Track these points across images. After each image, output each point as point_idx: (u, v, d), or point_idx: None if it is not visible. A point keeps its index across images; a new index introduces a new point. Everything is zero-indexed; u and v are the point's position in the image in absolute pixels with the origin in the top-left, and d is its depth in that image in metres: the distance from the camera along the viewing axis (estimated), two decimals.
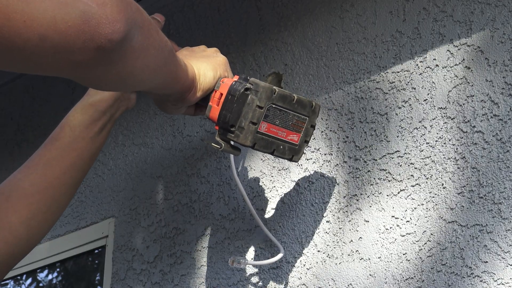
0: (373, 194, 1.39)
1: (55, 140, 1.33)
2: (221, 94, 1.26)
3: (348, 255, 1.40)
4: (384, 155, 1.40)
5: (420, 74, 1.39)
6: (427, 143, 1.35)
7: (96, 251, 1.98)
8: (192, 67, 1.23)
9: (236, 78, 1.29)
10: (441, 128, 1.34)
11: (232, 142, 1.29)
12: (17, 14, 0.81)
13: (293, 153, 1.34)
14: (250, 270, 1.54)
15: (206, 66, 1.26)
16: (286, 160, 1.53)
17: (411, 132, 1.37)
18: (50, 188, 1.27)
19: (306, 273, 1.45)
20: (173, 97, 1.24)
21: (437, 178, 1.32)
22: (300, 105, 1.31)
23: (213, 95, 1.27)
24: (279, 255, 1.45)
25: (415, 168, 1.35)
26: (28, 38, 0.83)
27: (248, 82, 1.25)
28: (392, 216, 1.36)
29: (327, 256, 1.43)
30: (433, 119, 1.35)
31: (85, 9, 0.86)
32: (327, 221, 1.44)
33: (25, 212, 1.24)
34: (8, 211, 1.24)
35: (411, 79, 1.39)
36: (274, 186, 1.54)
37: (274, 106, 1.27)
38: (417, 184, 1.34)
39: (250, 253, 1.55)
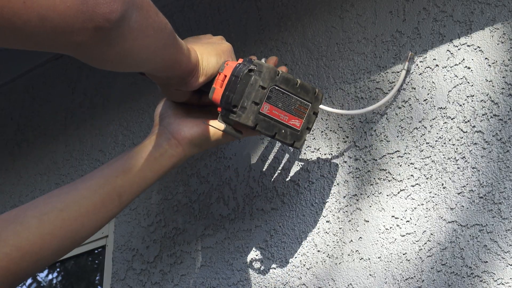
0: (373, 194, 1.39)
1: (110, 164, 1.34)
2: (225, 76, 1.27)
3: (348, 255, 1.40)
4: (384, 155, 1.40)
5: (420, 74, 1.39)
6: (427, 143, 1.35)
7: (96, 251, 1.98)
8: (195, 51, 1.24)
9: (240, 60, 1.29)
10: (441, 128, 1.34)
11: (233, 124, 1.28)
12: None
13: (294, 139, 1.34)
14: (250, 269, 1.54)
15: (210, 52, 1.27)
16: (286, 160, 1.53)
17: (411, 132, 1.37)
18: (90, 190, 1.28)
19: (306, 273, 1.45)
20: (175, 80, 1.25)
21: (437, 178, 1.32)
22: (303, 90, 1.31)
23: (217, 78, 1.27)
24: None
25: (415, 168, 1.35)
26: (28, 18, 0.84)
27: (252, 64, 1.26)
28: (392, 216, 1.36)
29: (327, 256, 1.43)
30: (433, 119, 1.35)
31: None
32: (327, 221, 1.44)
33: (41, 207, 1.24)
34: (28, 208, 1.24)
35: (411, 79, 1.39)
36: (274, 186, 1.54)
37: (277, 88, 1.27)
38: (417, 184, 1.34)
39: (250, 253, 1.55)
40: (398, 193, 1.36)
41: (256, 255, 1.53)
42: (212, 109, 1.34)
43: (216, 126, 1.29)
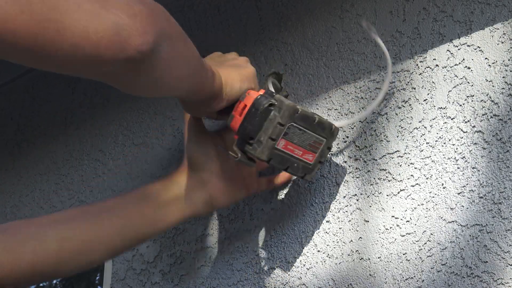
0: (373, 194, 1.39)
1: (126, 194, 1.34)
2: (245, 106, 1.28)
3: (348, 255, 1.40)
4: (384, 155, 1.40)
5: (420, 74, 1.39)
6: (427, 143, 1.35)
7: None
8: (220, 76, 1.25)
9: (262, 92, 1.30)
10: (441, 128, 1.34)
11: (248, 154, 1.30)
12: (51, 23, 0.84)
13: (306, 172, 1.35)
14: (250, 269, 1.54)
15: (234, 77, 1.28)
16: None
17: (411, 132, 1.37)
18: (98, 225, 1.27)
19: (306, 273, 1.45)
20: (199, 104, 1.26)
21: (437, 178, 1.32)
22: (320, 127, 1.32)
23: (237, 105, 1.29)
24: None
25: (415, 168, 1.35)
26: (60, 47, 0.86)
27: (273, 98, 1.27)
28: (392, 216, 1.36)
29: (327, 256, 1.43)
30: (433, 119, 1.35)
31: (116, 21, 0.88)
32: (327, 221, 1.44)
33: (63, 232, 1.24)
34: (49, 227, 1.23)
35: (411, 79, 1.39)
36: (274, 186, 1.54)
37: (294, 125, 1.28)
38: (417, 184, 1.34)
39: (250, 253, 1.55)
40: (398, 193, 1.36)
41: (256, 255, 1.53)
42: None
43: (233, 155, 1.29)
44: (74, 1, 0.86)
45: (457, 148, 1.31)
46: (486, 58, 1.31)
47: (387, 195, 1.37)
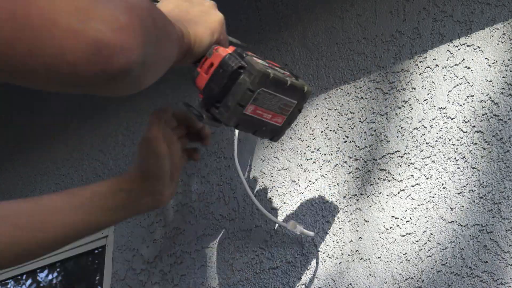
0: (373, 194, 1.39)
1: (72, 194, 1.29)
2: (212, 64, 1.18)
3: (348, 255, 1.40)
4: (384, 155, 1.40)
5: (420, 74, 1.39)
6: (427, 143, 1.35)
7: (96, 251, 1.98)
8: (188, 33, 1.16)
9: (231, 49, 1.21)
10: (441, 128, 1.34)
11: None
12: (22, 42, 0.76)
13: (274, 134, 1.27)
14: (250, 269, 1.54)
15: (203, 31, 1.19)
16: (286, 160, 1.53)
17: (411, 132, 1.37)
18: (42, 232, 1.24)
19: (306, 273, 1.45)
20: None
21: (437, 178, 1.32)
22: (291, 90, 1.24)
23: (203, 61, 1.19)
24: (313, 233, 1.44)
25: (415, 168, 1.35)
26: (33, 68, 0.78)
27: (243, 60, 1.18)
28: (392, 216, 1.36)
29: (327, 256, 1.43)
30: (433, 119, 1.35)
31: (97, 37, 0.79)
32: (327, 221, 1.44)
33: (6, 240, 1.23)
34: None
35: (411, 79, 1.39)
36: (274, 186, 1.54)
37: (265, 90, 1.21)
38: (417, 184, 1.34)
39: (250, 253, 1.55)
40: (398, 193, 1.36)
41: (256, 255, 1.53)
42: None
43: (198, 115, 1.25)
44: (49, 17, 0.77)
45: (457, 148, 1.31)
46: (486, 58, 1.31)
47: (387, 195, 1.37)
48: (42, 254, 1.28)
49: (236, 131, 1.50)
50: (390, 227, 1.35)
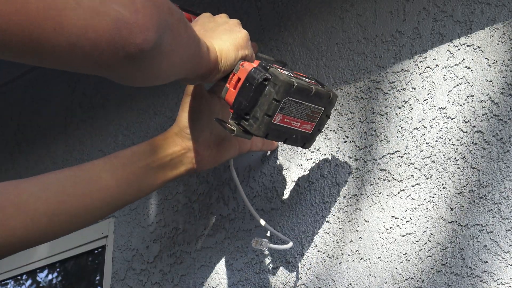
0: (373, 194, 1.39)
1: (114, 157, 1.32)
2: (239, 79, 1.24)
3: (348, 255, 1.40)
4: (384, 155, 1.40)
5: (420, 74, 1.39)
6: (427, 143, 1.35)
7: (96, 251, 1.98)
8: (214, 48, 1.22)
9: (256, 63, 1.27)
10: (441, 128, 1.34)
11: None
12: (48, 21, 0.81)
13: (305, 141, 1.32)
14: (250, 269, 1.54)
15: (229, 47, 1.25)
16: (286, 160, 1.53)
17: (411, 132, 1.37)
18: (87, 197, 1.26)
19: (306, 273, 1.45)
20: (194, 79, 1.24)
21: (437, 178, 1.32)
22: (317, 97, 1.29)
23: (231, 78, 1.25)
24: (290, 243, 1.44)
25: (415, 168, 1.35)
26: (58, 44, 0.83)
27: (268, 72, 1.23)
28: (392, 216, 1.36)
29: (327, 256, 1.43)
30: (433, 119, 1.35)
31: (117, 17, 0.85)
32: (327, 221, 1.44)
33: (54, 207, 1.24)
34: (39, 200, 1.23)
35: (411, 79, 1.39)
36: (274, 186, 1.54)
37: (291, 99, 1.25)
38: (417, 184, 1.34)
39: (250, 253, 1.55)
40: (398, 193, 1.36)
41: (256, 255, 1.53)
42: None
43: (231, 128, 1.28)
44: None
45: (457, 148, 1.31)
46: (486, 58, 1.31)
47: (387, 195, 1.37)
48: (91, 221, 1.29)
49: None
50: (390, 227, 1.35)
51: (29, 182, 1.27)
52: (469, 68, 1.33)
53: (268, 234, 1.52)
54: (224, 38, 1.26)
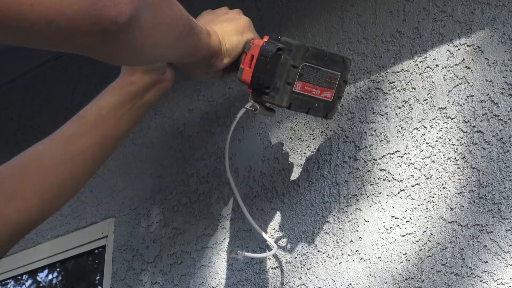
0: (373, 194, 1.39)
1: (81, 117, 1.31)
2: (252, 56, 1.24)
3: (348, 255, 1.40)
4: (384, 155, 1.40)
5: (420, 74, 1.39)
6: (427, 143, 1.35)
7: (96, 251, 1.98)
8: (215, 33, 1.22)
9: (266, 38, 1.26)
10: (441, 128, 1.34)
11: (267, 104, 1.27)
12: None
13: (327, 110, 1.32)
14: (250, 269, 1.54)
15: (231, 31, 1.25)
16: (286, 160, 1.53)
17: (411, 132, 1.37)
18: (69, 163, 1.26)
19: (306, 273, 1.45)
20: (198, 65, 1.24)
21: (437, 178, 1.32)
22: (332, 61, 1.29)
23: (244, 57, 1.25)
24: (274, 250, 1.44)
25: (415, 168, 1.35)
26: (34, 21, 0.84)
27: (280, 42, 1.23)
28: (392, 216, 1.36)
29: (327, 256, 1.43)
30: (433, 119, 1.35)
31: None
32: (327, 221, 1.44)
33: (40, 183, 1.24)
34: (24, 181, 1.23)
35: (411, 79, 1.39)
36: (274, 186, 1.54)
37: (307, 64, 1.25)
38: (417, 184, 1.34)
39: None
40: (398, 193, 1.36)
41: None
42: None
43: (251, 108, 1.28)
44: None
45: (457, 148, 1.31)
46: (486, 58, 1.31)
47: (387, 195, 1.37)
48: (81, 184, 1.29)
49: (228, 137, 1.51)
50: (390, 227, 1.35)
51: (8, 166, 1.27)
52: (469, 68, 1.33)
53: (257, 238, 1.52)
54: (225, 24, 1.26)
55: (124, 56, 1.00)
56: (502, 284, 1.21)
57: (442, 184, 1.31)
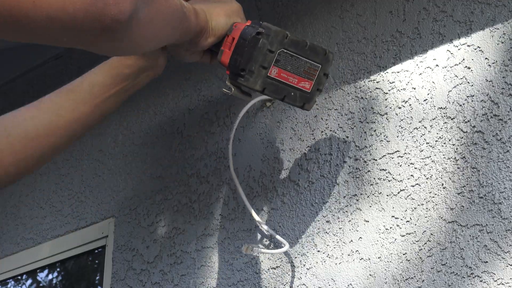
0: (373, 194, 1.39)
1: (71, 91, 1.32)
2: (233, 39, 1.25)
3: (348, 255, 1.40)
4: (384, 155, 1.40)
5: (420, 74, 1.39)
6: (427, 143, 1.35)
7: (96, 251, 1.98)
8: (203, 12, 1.23)
9: (249, 23, 1.27)
10: (441, 128, 1.34)
11: (242, 87, 1.28)
12: None
13: (304, 101, 1.31)
14: (250, 269, 1.54)
15: (219, 12, 1.26)
16: (286, 160, 1.53)
17: (411, 132, 1.37)
18: (51, 136, 1.27)
19: (306, 273, 1.45)
20: (186, 45, 1.24)
21: (437, 178, 1.32)
22: (313, 52, 1.29)
23: (226, 40, 1.26)
24: (286, 246, 1.44)
25: (415, 168, 1.35)
26: (37, 18, 0.86)
27: (260, 26, 1.24)
28: (392, 216, 1.36)
29: (327, 256, 1.43)
30: (433, 119, 1.35)
31: None
32: (327, 221, 1.44)
33: (20, 153, 1.25)
34: (5, 149, 1.24)
35: (411, 79, 1.39)
36: (274, 186, 1.54)
37: (285, 51, 1.25)
38: (417, 184, 1.34)
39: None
40: (398, 193, 1.36)
41: (256, 255, 1.53)
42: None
43: (226, 90, 1.28)
44: None
45: (457, 148, 1.31)
46: (486, 58, 1.31)
47: (387, 195, 1.37)
48: (57, 156, 1.30)
49: (232, 136, 1.51)
50: (390, 227, 1.35)
51: None
52: (469, 68, 1.33)
53: (262, 236, 1.52)
54: (215, 5, 1.28)
55: (124, 49, 1.02)
56: (502, 284, 1.21)
57: (442, 184, 1.31)
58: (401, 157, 1.37)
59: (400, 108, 1.40)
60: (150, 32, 1.01)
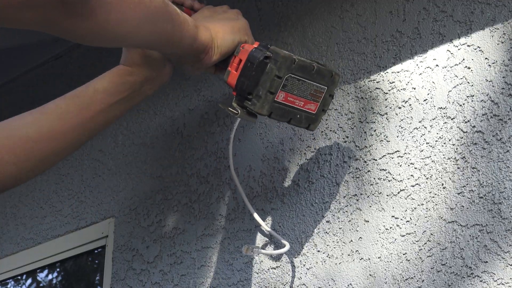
0: (373, 194, 1.39)
1: (76, 96, 1.30)
2: (240, 60, 1.25)
3: (348, 255, 1.40)
4: (384, 155, 1.40)
5: (420, 74, 1.39)
6: (427, 143, 1.35)
7: (96, 251, 1.98)
8: (208, 29, 1.22)
9: (256, 44, 1.27)
10: (441, 128, 1.34)
11: (248, 109, 1.28)
12: None
13: (309, 122, 1.32)
14: (250, 269, 1.54)
15: (225, 30, 1.25)
16: (286, 160, 1.53)
17: (411, 132, 1.37)
18: (54, 140, 1.26)
19: (306, 273, 1.45)
20: (188, 58, 1.23)
21: (437, 178, 1.32)
22: (319, 75, 1.29)
23: (232, 60, 1.26)
24: (287, 247, 1.44)
25: (415, 168, 1.35)
26: None
27: (268, 50, 1.24)
28: (392, 216, 1.36)
29: (327, 256, 1.43)
30: (433, 119, 1.35)
31: None
32: (327, 221, 1.44)
33: (21, 155, 1.23)
34: (4, 149, 1.23)
35: (411, 79, 1.39)
36: (274, 186, 1.54)
37: (293, 76, 1.25)
38: (417, 184, 1.34)
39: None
40: (398, 193, 1.36)
41: (256, 256, 1.53)
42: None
43: (233, 111, 1.28)
44: None
45: (457, 148, 1.31)
46: (486, 58, 1.31)
47: (387, 195, 1.37)
48: (59, 160, 1.29)
49: (232, 136, 1.51)
50: (390, 227, 1.35)
51: None
52: (469, 68, 1.33)
53: (262, 236, 1.52)
54: (222, 22, 1.26)
55: (88, 32, 0.97)
56: (502, 284, 1.21)
57: (442, 184, 1.31)
58: (401, 157, 1.37)
59: (400, 108, 1.40)
60: (116, 15, 0.98)
